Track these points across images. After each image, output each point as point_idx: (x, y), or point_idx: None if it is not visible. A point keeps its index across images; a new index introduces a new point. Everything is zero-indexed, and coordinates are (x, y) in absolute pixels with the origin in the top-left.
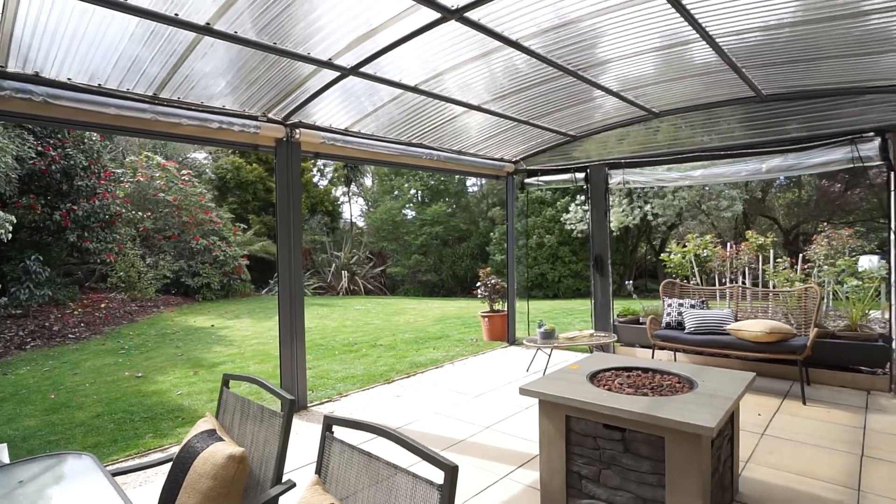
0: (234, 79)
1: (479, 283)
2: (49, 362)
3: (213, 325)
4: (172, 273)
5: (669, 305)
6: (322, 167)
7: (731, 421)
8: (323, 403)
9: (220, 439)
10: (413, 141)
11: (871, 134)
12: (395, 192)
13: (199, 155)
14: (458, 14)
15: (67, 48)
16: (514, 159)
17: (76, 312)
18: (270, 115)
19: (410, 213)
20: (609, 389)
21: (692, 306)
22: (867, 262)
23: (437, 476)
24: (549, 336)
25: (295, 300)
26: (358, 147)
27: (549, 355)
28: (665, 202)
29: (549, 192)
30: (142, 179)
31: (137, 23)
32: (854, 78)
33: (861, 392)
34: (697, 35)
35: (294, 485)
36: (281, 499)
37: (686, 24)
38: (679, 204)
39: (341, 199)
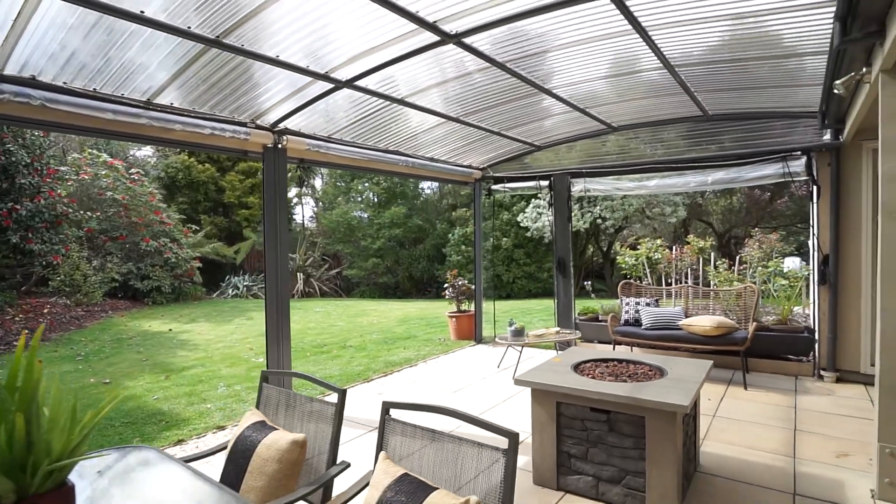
0: (228, 86)
1: (446, 285)
2: None
3: (170, 330)
4: (121, 276)
5: (627, 304)
6: None
7: (695, 403)
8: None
9: (274, 428)
10: (390, 148)
11: (799, 153)
12: (351, 195)
13: (146, 152)
14: (455, 38)
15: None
16: (482, 166)
17: (17, 318)
18: (259, 122)
19: (365, 215)
20: (592, 378)
21: (647, 304)
22: (791, 263)
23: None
24: (519, 334)
25: (281, 302)
26: (340, 154)
27: (521, 352)
28: (614, 205)
29: (507, 196)
30: (86, 178)
31: (150, 33)
32: (784, 104)
33: (790, 377)
34: (660, 64)
35: (349, 465)
36: (337, 479)
37: (650, 50)
38: (627, 209)
39: (294, 200)
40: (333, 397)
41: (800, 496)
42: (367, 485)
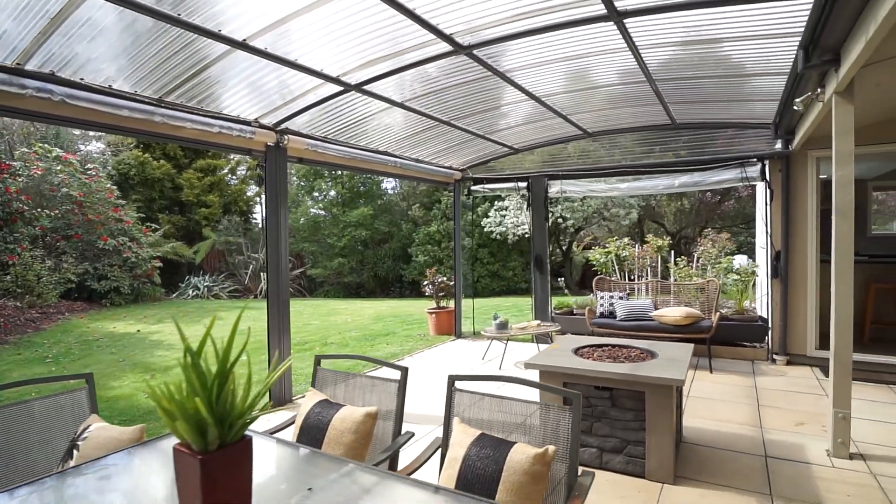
0: (241, 85)
1: (426, 282)
2: None
3: (138, 331)
4: (77, 276)
5: (602, 298)
6: (235, 164)
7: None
8: (304, 396)
9: (340, 405)
10: (380, 149)
11: (755, 160)
12: (314, 194)
13: (96, 146)
14: (468, 50)
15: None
16: (462, 167)
17: None
18: (262, 122)
19: (328, 215)
20: (593, 360)
21: (620, 298)
22: (740, 261)
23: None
24: (503, 327)
25: (282, 298)
26: (336, 153)
27: (506, 344)
28: (574, 206)
29: (471, 198)
30: (38, 173)
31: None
32: (743, 116)
33: (748, 361)
34: (644, 78)
35: (413, 434)
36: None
37: (637, 66)
38: (586, 210)
39: (256, 198)
40: (394, 374)
41: (770, 458)
42: (438, 447)
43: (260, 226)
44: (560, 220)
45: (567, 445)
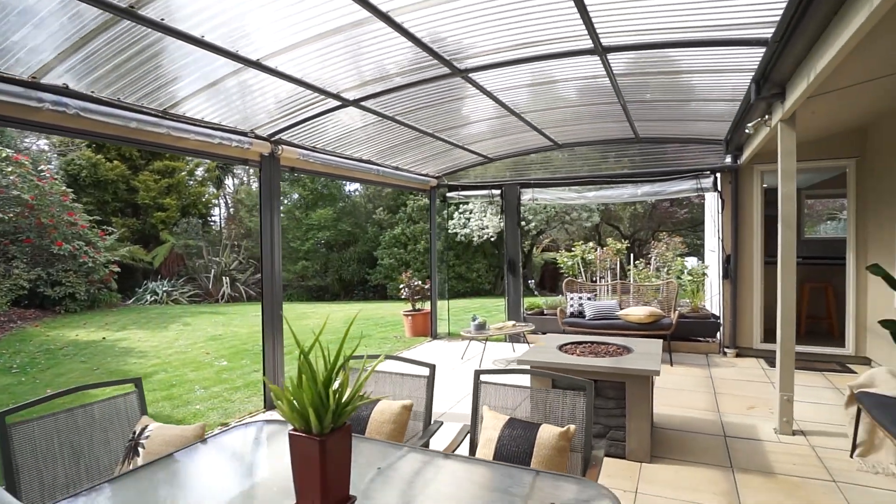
0: (239, 100)
1: (402, 285)
2: None
3: (104, 339)
4: (29, 283)
5: (571, 298)
6: (194, 166)
7: None
8: None
9: (375, 400)
10: (364, 158)
11: (708, 172)
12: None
13: (41, 144)
14: (464, 73)
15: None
16: (438, 175)
17: None
18: (257, 132)
19: (290, 217)
20: (577, 356)
21: (588, 299)
22: (692, 263)
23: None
24: (482, 328)
25: (275, 301)
26: (325, 163)
27: (485, 343)
28: (536, 208)
29: (447, 203)
30: None
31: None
32: (699, 133)
33: (702, 355)
34: (617, 100)
35: (443, 423)
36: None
37: (612, 88)
38: (548, 213)
39: (214, 201)
40: (423, 370)
41: (728, 437)
42: (467, 433)
43: (217, 229)
44: (523, 223)
45: (583, 425)
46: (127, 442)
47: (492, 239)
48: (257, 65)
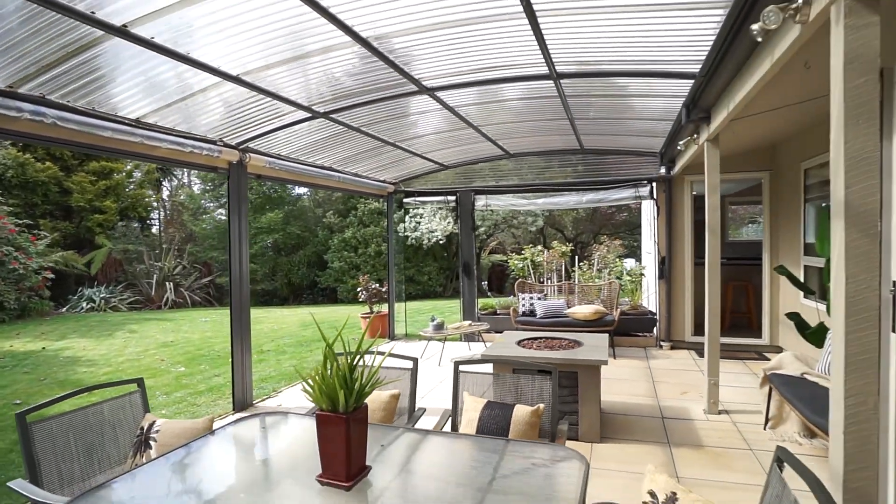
0: (212, 109)
1: (360, 289)
2: None
3: (43, 348)
4: None
5: (523, 299)
6: (132, 167)
7: None
8: (264, 400)
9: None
10: (326, 164)
11: (645, 182)
12: (222, 200)
13: None
14: (430, 92)
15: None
16: (395, 181)
17: None
18: (226, 141)
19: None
20: (535, 350)
21: (539, 298)
22: (630, 264)
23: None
24: (440, 328)
25: (244, 306)
26: (289, 170)
27: (444, 343)
28: (484, 213)
29: (386, 203)
30: None
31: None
32: (637, 146)
33: (641, 348)
34: (566, 116)
35: (425, 410)
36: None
37: (562, 106)
38: (495, 217)
39: (155, 204)
40: (407, 364)
41: (665, 418)
42: (449, 416)
43: (156, 233)
44: (475, 226)
45: (550, 404)
46: (135, 437)
47: (441, 242)
48: (236, 79)
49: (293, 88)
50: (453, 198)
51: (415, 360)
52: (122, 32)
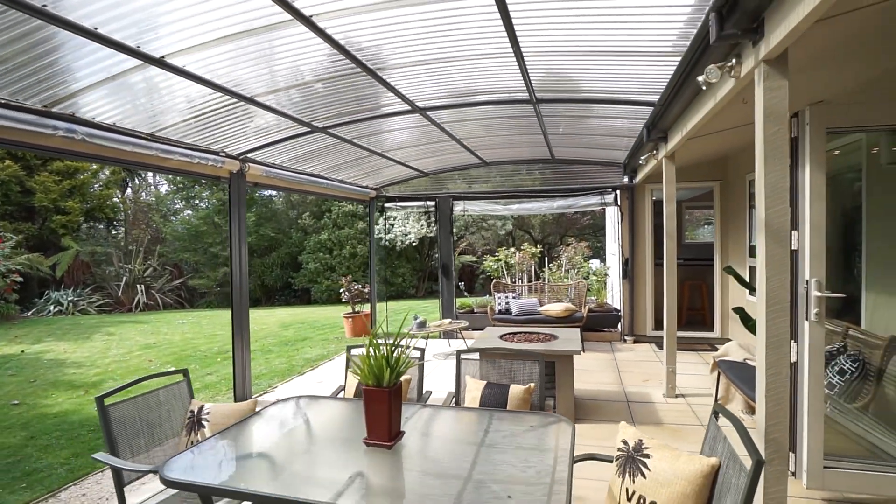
0: (207, 122)
1: (342, 290)
2: None
3: (22, 352)
4: None
5: (500, 298)
6: (98, 167)
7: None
8: (262, 395)
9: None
10: (314, 172)
11: (610, 189)
12: (195, 201)
13: None
14: (422, 112)
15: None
16: (377, 187)
17: None
18: (227, 151)
19: (209, 222)
20: (516, 342)
21: (513, 297)
22: (595, 265)
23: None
24: (422, 325)
25: (243, 305)
26: (283, 178)
27: (427, 340)
28: (456, 216)
29: (360, 206)
30: None
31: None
32: (603, 158)
33: (607, 342)
34: (541, 131)
35: (431, 392)
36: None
37: (538, 123)
38: (466, 219)
39: (121, 205)
40: (416, 354)
41: (630, 402)
42: (454, 396)
43: (123, 235)
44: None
45: (538, 384)
46: (187, 419)
47: (414, 244)
48: (251, 101)
49: (292, 106)
50: (433, 203)
51: (422, 351)
52: (161, 63)
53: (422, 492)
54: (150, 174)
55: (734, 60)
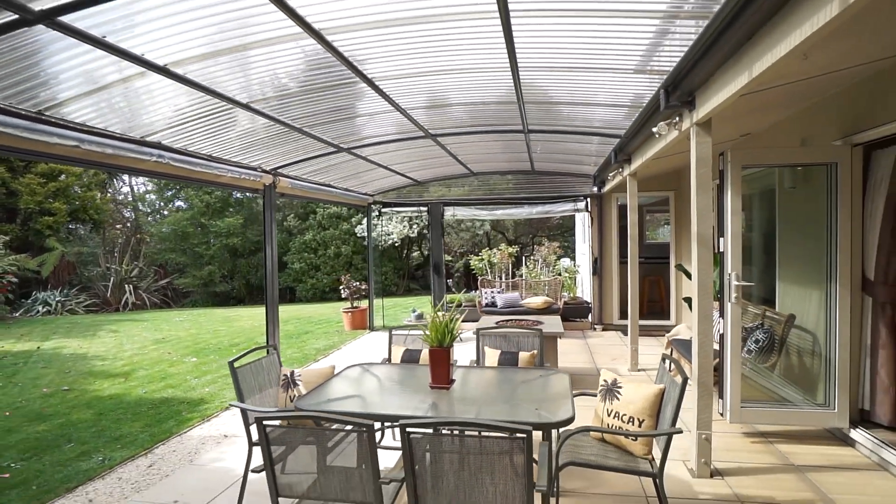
0: (250, 143)
1: (342, 287)
2: None
3: (39, 348)
4: None
5: (486, 293)
6: (82, 169)
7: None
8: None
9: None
10: (326, 182)
11: (582, 198)
12: (180, 203)
13: None
14: (433, 137)
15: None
16: (374, 194)
17: None
18: (263, 167)
19: (195, 223)
20: (509, 328)
21: (498, 292)
22: (566, 263)
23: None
24: (420, 318)
25: (274, 301)
26: (304, 188)
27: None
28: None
29: (344, 208)
30: None
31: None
32: (577, 171)
33: (580, 331)
34: (525, 149)
35: (458, 360)
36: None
37: (523, 137)
38: (449, 220)
39: (106, 207)
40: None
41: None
42: (474, 363)
43: (108, 235)
44: (425, 231)
45: (539, 350)
46: (282, 380)
47: (395, 244)
48: (299, 130)
49: (327, 132)
50: (425, 208)
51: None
52: (240, 103)
53: (478, 411)
54: (130, 177)
55: (677, 118)
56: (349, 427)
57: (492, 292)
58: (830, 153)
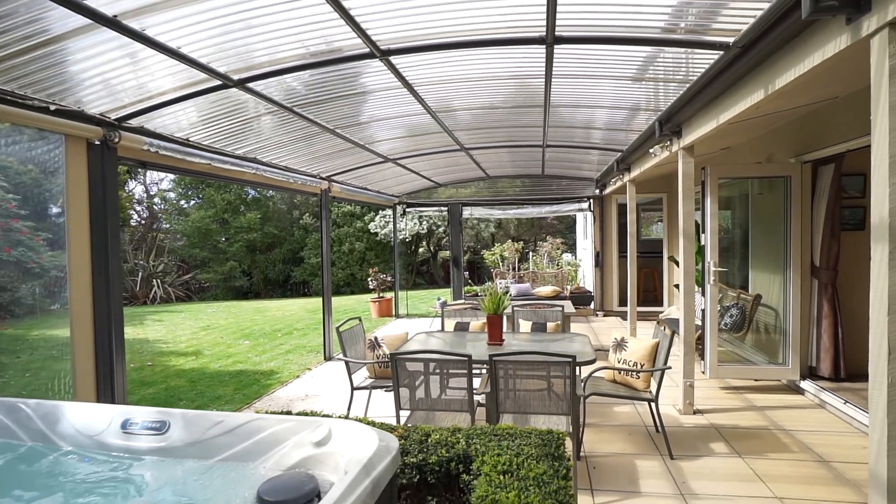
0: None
1: (370, 278)
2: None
3: None
4: None
5: (500, 284)
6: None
7: None
8: (338, 355)
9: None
10: (364, 185)
11: (586, 199)
12: (205, 202)
13: None
14: (467, 151)
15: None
16: (400, 195)
17: None
18: (320, 174)
19: (218, 220)
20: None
21: (511, 283)
22: (567, 258)
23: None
24: (444, 305)
25: (328, 293)
26: (346, 191)
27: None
28: (445, 215)
29: (358, 207)
30: None
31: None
32: (581, 175)
33: (584, 316)
34: (540, 159)
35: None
36: None
37: (540, 149)
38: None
39: (132, 206)
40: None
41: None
42: (513, 330)
43: (136, 232)
44: (434, 228)
45: (562, 321)
46: (368, 343)
47: (406, 240)
48: (362, 146)
49: (377, 145)
50: (446, 208)
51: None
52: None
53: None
54: (147, 174)
55: (669, 142)
56: (449, 359)
57: (506, 283)
58: (786, 168)
